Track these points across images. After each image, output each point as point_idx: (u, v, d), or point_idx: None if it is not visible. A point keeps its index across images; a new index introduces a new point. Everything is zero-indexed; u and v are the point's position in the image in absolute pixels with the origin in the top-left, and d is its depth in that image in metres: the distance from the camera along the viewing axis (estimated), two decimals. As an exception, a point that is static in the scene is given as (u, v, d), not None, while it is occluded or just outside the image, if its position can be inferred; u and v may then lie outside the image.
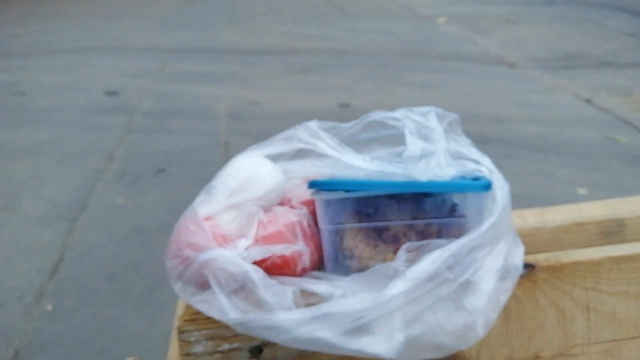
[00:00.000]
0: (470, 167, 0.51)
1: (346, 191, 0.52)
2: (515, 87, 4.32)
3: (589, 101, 3.92)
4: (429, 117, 0.52)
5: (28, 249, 2.17)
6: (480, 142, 3.21)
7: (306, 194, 0.56)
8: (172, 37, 6.30)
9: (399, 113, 0.53)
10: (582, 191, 2.53)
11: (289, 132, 0.58)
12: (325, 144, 0.54)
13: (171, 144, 3.12)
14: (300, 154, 0.57)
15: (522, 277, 0.51)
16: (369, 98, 3.93)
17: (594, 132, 3.32)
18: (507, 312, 0.52)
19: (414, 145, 0.49)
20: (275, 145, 0.58)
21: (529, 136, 3.22)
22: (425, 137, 0.50)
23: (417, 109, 0.52)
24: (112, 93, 4.07)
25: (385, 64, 4.99)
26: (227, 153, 2.95)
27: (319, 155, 0.55)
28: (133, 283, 1.97)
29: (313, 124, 0.57)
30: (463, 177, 0.51)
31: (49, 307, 1.86)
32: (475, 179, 0.51)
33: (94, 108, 3.76)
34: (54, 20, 8.08)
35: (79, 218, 2.36)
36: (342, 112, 3.60)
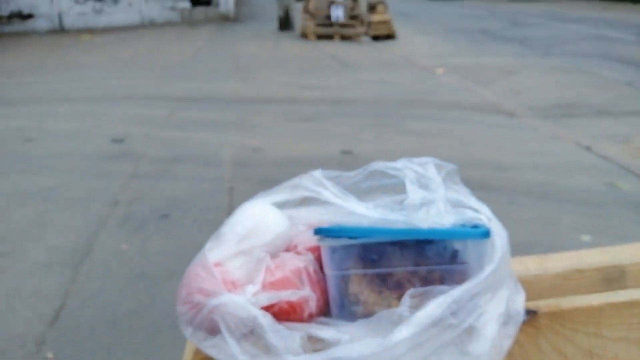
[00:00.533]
0: (469, 215, 0.53)
1: (351, 238, 0.54)
2: (515, 135, 4.38)
3: (588, 149, 3.97)
4: (428, 168, 0.54)
5: (31, 295, 2.16)
6: (483, 189, 3.24)
7: (312, 240, 0.58)
8: (179, 86, 6.46)
9: (399, 163, 0.56)
10: (585, 238, 2.53)
11: (295, 181, 0.60)
12: (330, 192, 0.56)
13: (176, 189, 3.15)
14: (305, 201, 0.59)
15: (525, 323, 0.52)
16: (371, 146, 3.99)
17: (595, 179, 3.35)
18: (510, 358, 0.53)
19: (414, 194, 0.52)
20: (282, 193, 0.60)
21: (531, 183, 3.25)
22: (425, 186, 0.53)
23: (417, 160, 0.55)
24: (119, 140, 4.14)
25: (386, 112, 5.09)
26: (231, 199, 2.97)
27: (324, 202, 0.57)
28: (135, 330, 1.95)
29: (317, 173, 0.59)
30: (463, 225, 0.53)
31: (50, 355, 1.84)
32: (475, 226, 0.52)
33: (100, 155, 3.82)
34: (65, 69, 8.31)
35: (83, 264, 2.36)
36: (344, 159, 3.65)
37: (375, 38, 11.79)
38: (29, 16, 15.79)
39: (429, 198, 0.51)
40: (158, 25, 16.08)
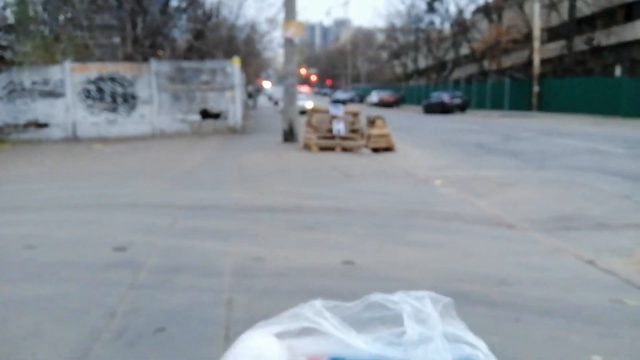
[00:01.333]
0: (467, 352, 0.53)
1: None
2: (517, 249, 4.38)
3: (591, 262, 3.95)
4: (425, 302, 0.56)
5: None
6: (487, 305, 3.19)
7: (312, 371, 0.58)
8: (184, 195, 6.60)
9: (396, 297, 0.57)
10: (597, 359, 2.44)
11: (295, 310, 0.61)
12: (329, 323, 0.58)
13: (174, 301, 3.10)
14: (305, 331, 0.60)
15: None
16: (372, 256, 3.98)
17: (601, 294, 3.29)
18: None
19: (412, 330, 0.53)
20: (282, 323, 0.61)
21: (536, 299, 3.19)
22: (423, 322, 0.54)
23: (413, 293, 0.56)
24: (121, 248, 4.15)
25: (387, 223, 5.14)
26: (230, 312, 2.91)
27: (323, 333, 0.58)
28: None
29: (318, 303, 0.61)
30: (462, 360, 0.53)
31: None
32: (474, 362, 0.53)
33: (101, 264, 3.81)
34: (72, 177, 8.55)
35: (72, 382, 2.25)
36: (345, 270, 3.62)
37: (375, 150, 12.27)
38: (45, 125, 16.57)
39: (426, 335, 0.51)
40: (168, 135, 16.80)
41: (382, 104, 45.13)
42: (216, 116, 17.22)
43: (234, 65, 17.09)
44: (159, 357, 2.45)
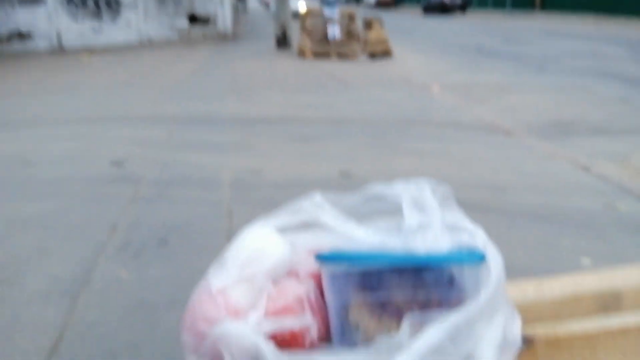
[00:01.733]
0: (465, 239, 0.54)
1: (351, 264, 0.55)
2: (513, 155, 4.41)
3: (586, 169, 3.99)
4: (424, 190, 0.56)
5: (28, 326, 2.14)
6: (482, 211, 3.25)
7: (313, 266, 0.59)
8: (177, 107, 6.51)
9: (396, 186, 0.57)
10: (585, 261, 2.53)
11: (295, 204, 0.62)
12: (330, 216, 0.58)
13: (174, 214, 3.16)
14: (306, 225, 0.61)
15: (522, 350, 0.53)
16: (370, 166, 4.01)
17: (594, 200, 3.36)
18: (509, 384, 0.54)
19: (410, 218, 0.53)
20: (282, 217, 0.62)
21: (530, 205, 3.26)
22: (421, 210, 0.54)
23: (413, 182, 0.56)
24: (118, 163, 4.16)
25: (384, 132, 5.12)
26: (231, 223, 2.98)
27: (324, 227, 0.58)
28: (133, 360, 1.93)
29: (318, 197, 0.61)
30: (459, 250, 0.54)
31: (48, 385, 1.82)
32: (471, 251, 0.54)
33: (99, 178, 3.83)
34: (62, 91, 8.37)
35: (81, 294, 2.34)
36: (343, 181, 3.66)
37: (372, 56, 11.92)
38: (28, 35, 15.94)
39: (425, 222, 0.52)
40: (156, 44, 16.24)
41: (380, 4, 43.38)
42: (205, 21, 16.54)
43: (221, -36, 16.15)
44: (164, 268, 2.54)
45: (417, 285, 0.54)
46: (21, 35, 16.00)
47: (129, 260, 2.60)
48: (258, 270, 0.58)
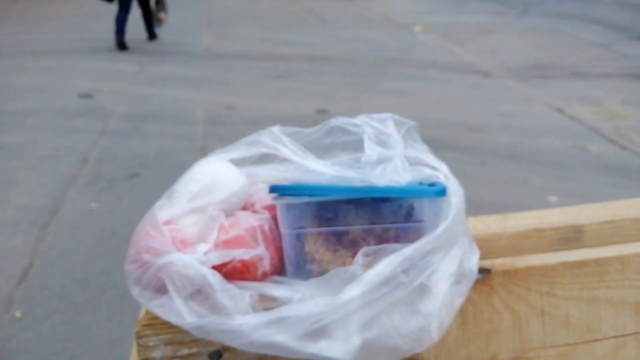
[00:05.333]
0: (427, 173, 0.52)
1: (306, 195, 0.53)
2: (490, 96, 4.39)
3: (560, 111, 4.01)
4: (387, 124, 0.53)
5: (-4, 254, 2.12)
6: (455, 150, 3.25)
7: (269, 198, 0.56)
8: (149, 39, 6.24)
9: (358, 119, 0.54)
10: (553, 199, 2.58)
11: (253, 137, 0.58)
12: (288, 149, 0.55)
13: (146, 148, 3.09)
14: (263, 158, 0.58)
15: (478, 281, 0.52)
16: (347, 105, 3.95)
17: (566, 141, 3.40)
18: (463, 316, 0.53)
19: (371, 150, 0.50)
20: (239, 150, 0.58)
21: (503, 145, 3.28)
22: (383, 143, 0.51)
23: (376, 116, 0.53)
24: (87, 96, 4.01)
25: (363, 71, 5.03)
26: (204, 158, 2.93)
27: (282, 160, 0.56)
28: (105, 290, 1.94)
29: (276, 129, 0.58)
30: (420, 183, 0.52)
31: (18, 314, 1.82)
32: (432, 184, 0.52)
33: (68, 111, 3.70)
34: (28, 21, 7.94)
35: (51, 224, 2.31)
36: (319, 118, 3.60)
37: (354, -7, 11.49)
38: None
39: (386, 155, 0.49)
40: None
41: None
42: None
43: None
44: (135, 200, 2.50)
45: (374, 217, 0.52)
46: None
47: (100, 193, 2.56)
48: (211, 201, 0.55)
